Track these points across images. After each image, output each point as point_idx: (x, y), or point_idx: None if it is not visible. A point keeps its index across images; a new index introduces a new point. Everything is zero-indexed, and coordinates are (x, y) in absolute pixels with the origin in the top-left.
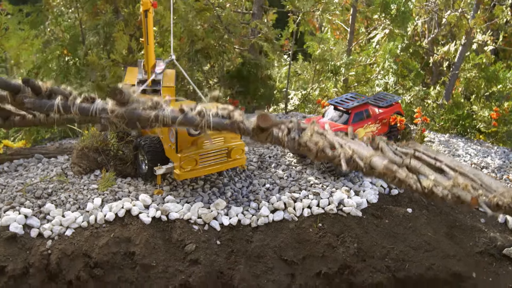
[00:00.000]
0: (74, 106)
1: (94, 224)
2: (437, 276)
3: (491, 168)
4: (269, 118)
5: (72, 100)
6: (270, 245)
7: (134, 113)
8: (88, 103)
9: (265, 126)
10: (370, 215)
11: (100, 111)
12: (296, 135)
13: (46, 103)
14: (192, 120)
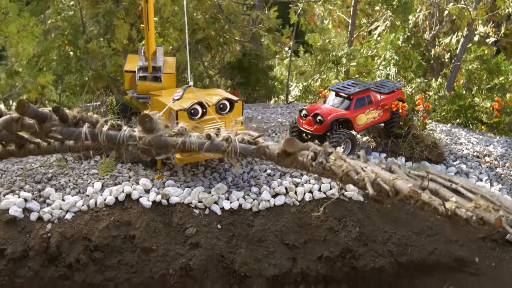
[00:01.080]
0: (101, 134)
1: (94, 208)
2: (439, 260)
3: (493, 156)
4: (295, 144)
5: (100, 128)
6: (271, 229)
7: (161, 140)
8: (115, 131)
9: (291, 151)
10: (372, 200)
11: (128, 138)
12: (323, 159)
13: (74, 131)
14: (218, 146)
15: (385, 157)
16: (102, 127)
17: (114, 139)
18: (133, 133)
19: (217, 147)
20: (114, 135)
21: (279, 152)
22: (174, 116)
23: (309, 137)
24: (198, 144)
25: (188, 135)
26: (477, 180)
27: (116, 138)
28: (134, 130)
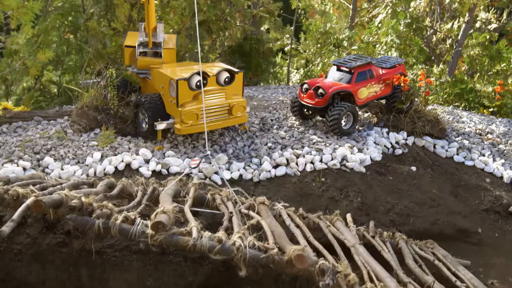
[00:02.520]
0: (114, 227)
1: (94, 177)
2: (442, 231)
3: (495, 134)
4: (305, 261)
5: (113, 221)
6: (272, 199)
7: (172, 239)
8: (128, 224)
9: (301, 267)
10: (374, 172)
11: (140, 235)
12: (330, 280)
13: (88, 221)
14: (229, 250)
15: (387, 132)
16: (116, 220)
17: (127, 233)
18: (145, 230)
19: (227, 252)
20: (127, 229)
21: (288, 261)
22: (174, 86)
23: (310, 112)
24: (208, 247)
25: (199, 237)
26: (480, 155)
27: (129, 232)
28: (147, 225)
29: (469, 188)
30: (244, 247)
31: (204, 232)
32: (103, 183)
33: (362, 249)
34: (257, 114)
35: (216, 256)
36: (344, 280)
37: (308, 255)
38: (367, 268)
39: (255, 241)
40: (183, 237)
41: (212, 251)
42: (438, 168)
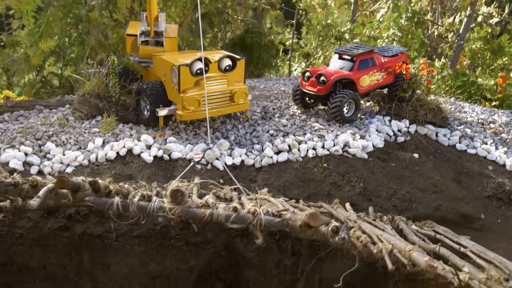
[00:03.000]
0: (132, 205)
1: (95, 162)
2: (445, 216)
3: (498, 123)
4: (318, 218)
5: (131, 199)
6: (274, 184)
7: (189, 212)
8: (145, 202)
9: (313, 225)
10: (376, 158)
11: (158, 210)
12: (345, 235)
13: (106, 202)
14: (244, 218)
15: (389, 120)
16: (134, 198)
17: (145, 210)
18: (163, 205)
19: (243, 219)
20: (144, 206)
21: (302, 224)
22: (176, 72)
23: (312, 101)
24: (225, 216)
25: (215, 207)
26: (482, 143)
27: (147, 209)
28: (163, 201)
29: (472, 175)
30: (259, 214)
31: (219, 204)
32: None
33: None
34: (259, 104)
35: (233, 225)
36: (357, 240)
37: (320, 215)
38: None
39: (268, 208)
40: (199, 209)
41: (229, 220)
42: (440, 156)
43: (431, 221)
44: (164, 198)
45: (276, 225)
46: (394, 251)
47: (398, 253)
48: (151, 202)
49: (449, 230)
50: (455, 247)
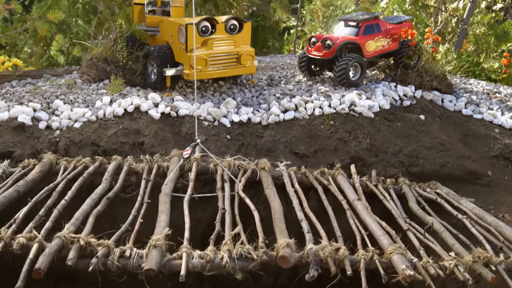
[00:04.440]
0: (113, 266)
1: (103, 118)
2: (452, 173)
3: (503, 94)
4: (288, 261)
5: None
6: (281, 141)
7: (167, 266)
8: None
9: (285, 267)
10: (382, 118)
11: (136, 267)
12: (315, 272)
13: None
14: (219, 266)
15: (395, 85)
16: (113, 260)
17: (125, 268)
18: (141, 262)
19: (218, 268)
20: (124, 264)
21: (275, 264)
22: (183, 31)
23: (318, 68)
24: (200, 267)
25: (191, 258)
26: (488, 109)
27: (127, 266)
28: (141, 257)
29: (478, 137)
30: (232, 261)
31: (194, 252)
32: (112, 165)
33: (360, 206)
34: (265, 73)
35: (210, 273)
36: (334, 256)
37: (291, 254)
38: (361, 232)
39: (242, 250)
40: (176, 262)
41: (205, 269)
42: (446, 119)
43: (435, 182)
44: (144, 252)
45: (252, 269)
46: (374, 258)
47: (377, 260)
48: (130, 260)
49: (451, 192)
50: (453, 213)
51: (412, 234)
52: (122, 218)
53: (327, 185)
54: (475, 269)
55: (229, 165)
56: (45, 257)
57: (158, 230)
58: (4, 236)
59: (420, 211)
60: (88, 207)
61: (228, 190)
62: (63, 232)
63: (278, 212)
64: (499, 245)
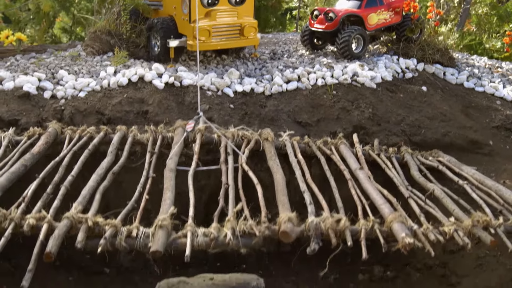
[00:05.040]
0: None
1: (107, 88)
2: (453, 142)
3: (505, 69)
4: (289, 236)
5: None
6: (284, 110)
7: (173, 245)
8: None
9: (286, 241)
10: (384, 89)
11: (143, 247)
12: (316, 245)
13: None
14: (223, 244)
15: (397, 59)
16: (121, 240)
17: (133, 247)
18: (147, 242)
19: (222, 245)
20: (131, 244)
21: (277, 239)
22: (186, 2)
23: (321, 42)
24: (205, 244)
25: (195, 236)
26: (490, 82)
27: (134, 246)
28: (148, 236)
29: (480, 108)
30: (235, 239)
31: (199, 230)
32: (117, 136)
33: (362, 174)
34: (267, 48)
35: (214, 251)
36: (335, 228)
37: (292, 229)
38: (362, 202)
39: (245, 226)
40: (181, 240)
41: (209, 247)
42: (448, 91)
43: (437, 150)
44: (150, 230)
45: (255, 245)
46: (375, 227)
47: (378, 230)
48: (137, 240)
49: (452, 159)
50: (454, 179)
51: (413, 202)
52: (126, 186)
53: (329, 154)
54: (474, 233)
55: (233, 135)
56: (55, 240)
57: (164, 209)
58: (14, 217)
59: (422, 178)
60: (95, 183)
61: (231, 163)
62: (71, 212)
63: (280, 184)
64: (499, 208)
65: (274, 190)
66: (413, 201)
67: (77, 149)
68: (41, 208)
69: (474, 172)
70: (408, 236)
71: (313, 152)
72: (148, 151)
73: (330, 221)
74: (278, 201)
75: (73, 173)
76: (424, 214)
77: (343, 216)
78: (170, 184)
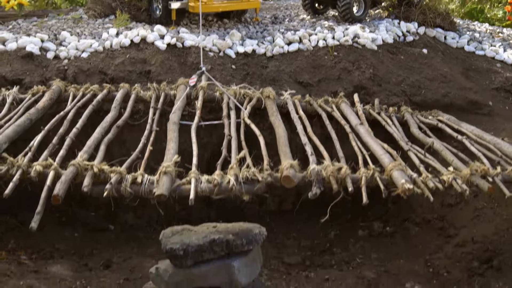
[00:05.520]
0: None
1: (110, 49)
2: (453, 102)
3: (506, 34)
4: (291, 180)
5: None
6: (285, 71)
7: (177, 191)
8: (137, 185)
9: (289, 187)
10: (385, 51)
11: (148, 193)
12: (317, 189)
13: (102, 189)
14: (226, 190)
15: (398, 22)
16: (126, 187)
17: (138, 193)
18: (152, 188)
19: (225, 191)
20: (136, 190)
21: (280, 185)
22: None
23: (322, 7)
24: (208, 191)
25: (199, 182)
26: (490, 46)
27: (139, 192)
28: (153, 183)
29: (480, 71)
30: (238, 184)
31: (202, 177)
32: (120, 93)
33: (362, 129)
34: (268, 12)
35: (218, 197)
36: (336, 175)
37: (294, 175)
38: (363, 152)
39: (248, 173)
40: (185, 187)
41: (213, 193)
42: (449, 54)
43: (436, 110)
44: (155, 178)
45: (257, 191)
46: (375, 175)
47: (379, 178)
48: (141, 186)
49: (452, 117)
50: (453, 135)
51: (413, 154)
52: (130, 144)
53: (330, 112)
54: (472, 181)
55: (235, 93)
56: (62, 184)
57: (168, 157)
58: (21, 164)
59: (422, 135)
60: (99, 135)
61: (233, 117)
62: (77, 160)
63: (282, 137)
64: (497, 159)
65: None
66: (413, 154)
67: (81, 105)
68: (47, 157)
69: (473, 128)
70: (408, 182)
71: (314, 110)
72: (151, 107)
73: (331, 168)
74: (280, 151)
75: (78, 125)
76: (423, 166)
77: (344, 164)
78: (174, 136)
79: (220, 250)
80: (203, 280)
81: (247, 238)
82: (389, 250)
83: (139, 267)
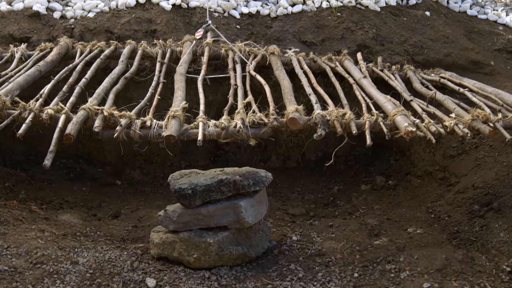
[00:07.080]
0: (135, 135)
1: (115, 9)
2: (455, 62)
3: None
4: (297, 122)
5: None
6: (289, 31)
7: (185, 134)
8: (146, 130)
9: (295, 128)
10: (388, 12)
11: (157, 137)
12: (322, 131)
13: (112, 133)
14: (233, 134)
15: None
16: (135, 131)
17: (146, 137)
18: (161, 131)
19: (232, 135)
20: (145, 134)
21: (286, 124)
22: None
23: None
24: (216, 135)
25: (207, 126)
26: (493, 10)
27: (148, 136)
28: (161, 127)
29: (482, 33)
30: (245, 128)
31: (210, 122)
32: (127, 49)
33: (366, 81)
34: None
35: (225, 140)
36: (341, 120)
37: (300, 117)
38: (366, 101)
39: (254, 117)
40: (193, 130)
41: (220, 137)
42: (451, 17)
43: (439, 68)
44: (163, 123)
45: (263, 135)
46: (378, 120)
47: (382, 123)
48: (150, 130)
49: (454, 74)
50: (455, 88)
51: (415, 104)
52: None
53: (334, 67)
54: (474, 125)
55: (240, 50)
56: (73, 125)
57: (176, 104)
58: (33, 108)
59: (424, 89)
60: (108, 85)
61: (239, 70)
62: (88, 105)
63: (287, 87)
64: (498, 108)
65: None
66: (416, 104)
67: (89, 59)
68: (58, 102)
69: (475, 82)
70: (411, 125)
71: (318, 67)
72: (158, 61)
73: (335, 113)
74: (285, 100)
75: (87, 76)
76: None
77: (348, 110)
78: (181, 85)
79: (228, 191)
80: (211, 219)
81: (254, 179)
82: (392, 201)
83: (146, 217)
